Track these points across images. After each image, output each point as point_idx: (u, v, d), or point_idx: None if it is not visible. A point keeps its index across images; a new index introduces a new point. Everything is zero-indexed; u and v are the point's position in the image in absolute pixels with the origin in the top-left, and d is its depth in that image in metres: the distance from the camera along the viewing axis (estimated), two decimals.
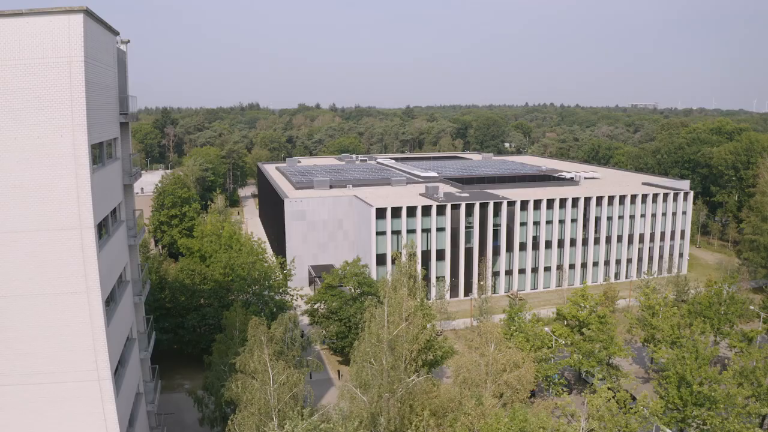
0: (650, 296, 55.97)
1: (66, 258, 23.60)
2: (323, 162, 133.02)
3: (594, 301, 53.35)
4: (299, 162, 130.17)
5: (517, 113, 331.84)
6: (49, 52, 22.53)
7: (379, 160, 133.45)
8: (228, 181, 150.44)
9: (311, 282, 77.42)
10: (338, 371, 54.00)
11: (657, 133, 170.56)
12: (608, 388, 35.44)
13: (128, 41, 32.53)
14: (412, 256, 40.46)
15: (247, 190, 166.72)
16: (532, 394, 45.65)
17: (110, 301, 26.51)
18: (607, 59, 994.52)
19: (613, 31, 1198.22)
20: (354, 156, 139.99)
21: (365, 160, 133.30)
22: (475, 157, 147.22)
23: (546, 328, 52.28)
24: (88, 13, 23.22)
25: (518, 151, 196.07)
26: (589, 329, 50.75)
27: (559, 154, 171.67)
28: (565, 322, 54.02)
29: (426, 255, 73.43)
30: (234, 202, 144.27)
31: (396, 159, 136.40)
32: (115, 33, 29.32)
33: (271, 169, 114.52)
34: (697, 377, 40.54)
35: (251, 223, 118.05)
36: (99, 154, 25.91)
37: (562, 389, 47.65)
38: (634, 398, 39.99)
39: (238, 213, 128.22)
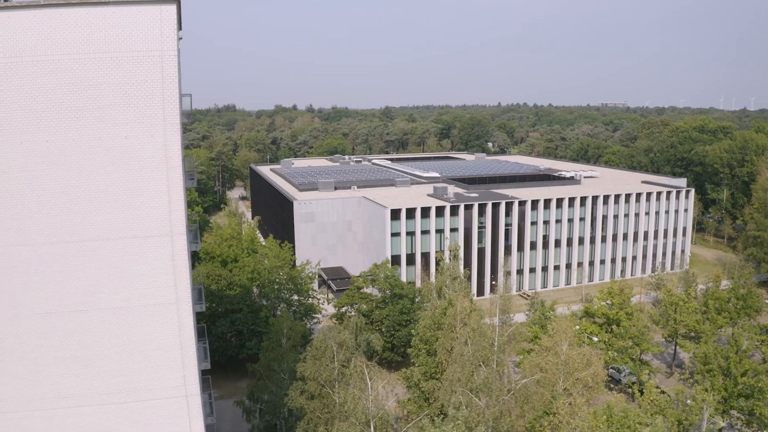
0: (672, 292, 56.76)
1: (155, 267, 22.03)
2: (317, 163, 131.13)
3: (621, 298, 53.70)
4: (293, 164, 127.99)
5: (493, 113, 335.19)
6: (138, 44, 21.00)
7: (374, 161, 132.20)
8: (217, 183, 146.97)
9: (321, 284, 75.96)
10: None
11: (638, 132, 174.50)
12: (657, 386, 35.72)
13: (181, 38, 30.89)
14: (455, 257, 39.86)
15: (235, 192, 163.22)
16: None
17: None
18: (577, 60, 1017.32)
19: (583, 32, 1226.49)
20: (347, 157, 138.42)
21: (360, 161, 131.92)
22: (468, 157, 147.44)
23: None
24: (179, 4, 21.78)
25: (502, 151, 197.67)
26: (619, 326, 51.03)
27: (547, 154, 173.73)
28: (593, 320, 54.24)
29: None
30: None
31: (391, 160, 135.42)
32: (180, 26, 27.70)
33: (266, 171, 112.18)
34: (741, 369, 41.34)
35: None
36: None
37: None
38: (663, 392, 40.47)
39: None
